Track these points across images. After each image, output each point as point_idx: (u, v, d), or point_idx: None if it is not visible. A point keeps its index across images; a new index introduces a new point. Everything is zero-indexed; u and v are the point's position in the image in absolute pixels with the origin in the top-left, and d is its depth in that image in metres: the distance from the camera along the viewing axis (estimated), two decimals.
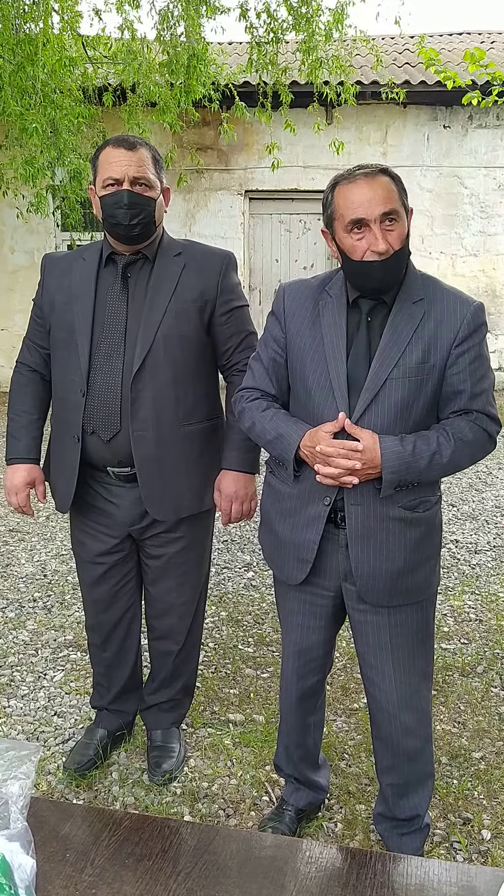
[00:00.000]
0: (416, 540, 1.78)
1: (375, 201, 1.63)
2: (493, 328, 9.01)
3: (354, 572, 1.78)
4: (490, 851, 2.09)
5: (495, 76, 3.67)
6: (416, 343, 1.70)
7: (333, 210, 1.70)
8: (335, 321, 1.77)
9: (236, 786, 2.34)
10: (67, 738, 2.57)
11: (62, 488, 2.19)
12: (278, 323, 1.86)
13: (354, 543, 1.76)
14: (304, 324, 1.81)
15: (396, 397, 1.70)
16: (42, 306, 2.19)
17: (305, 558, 1.83)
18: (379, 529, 1.74)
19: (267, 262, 9.18)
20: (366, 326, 1.75)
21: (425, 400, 1.73)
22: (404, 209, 1.70)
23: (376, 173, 1.67)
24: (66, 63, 6.43)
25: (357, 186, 1.65)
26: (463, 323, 1.71)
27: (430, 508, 1.81)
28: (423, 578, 1.83)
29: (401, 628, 1.83)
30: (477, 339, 1.73)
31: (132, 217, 1.97)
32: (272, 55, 7.06)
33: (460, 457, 1.72)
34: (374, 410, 1.70)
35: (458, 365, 1.71)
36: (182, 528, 2.20)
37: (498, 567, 4.04)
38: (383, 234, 1.64)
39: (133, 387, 2.03)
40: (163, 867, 1.22)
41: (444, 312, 1.72)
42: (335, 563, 1.82)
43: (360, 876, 1.21)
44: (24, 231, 8.79)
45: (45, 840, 1.26)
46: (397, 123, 8.61)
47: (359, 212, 1.64)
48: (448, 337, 1.71)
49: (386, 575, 1.77)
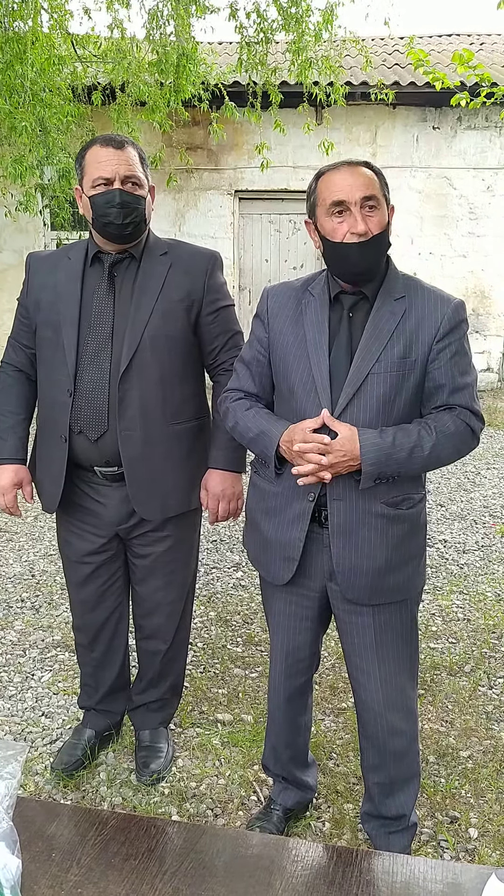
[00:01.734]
0: (399, 538, 1.78)
1: (356, 186, 1.68)
2: (481, 329, 9.04)
3: (336, 568, 1.79)
4: (477, 850, 2.10)
5: (484, 78, 3.68)
6: (397, 338, 1.72)
7: (316, 197, 1.74)
8: (317, 318, 1.78)
9: (224, 785, 2.34)
10: (55, 738, 2.56)
11: (49, 488, 2.18)
12: (262, 324, 1.88)
13: (336, 539, 1.77)
14: (286, 322, 1.83)
15: (378, 392, 1.71)
16: (27, 306, 2.18)
17: (291, 556, 1.83)
18: (361, 525, 1.75)
19: (257, 262, 9.18)
20: (347, 322, 1.77)
21: (407, 395, 1.74)
22: (385, 202, 1.73)
23: (359, 164, 1.73)
24: (55, 61, 6.39)
25: (339, 173, 1.71)
26: (444, 319, 1.73)
27: (413, 506, 1.81)
28: (406, 578, 1.83)
29: (385, 628, 1.84)
30: (458, 335, 1.75)
31: (125, 216, 1.97)
32: (262, 55, 7.05)
33: (442, 450, 1.72)
34: (356, 405, 1.71)
35: (439, 360, 1.73)
36: (169, 528, 2.19)
37: (486, 567, 4.06)
38: (363, 217, 1.68)
39: (120, 386, 2.02)
40: (149, 866, 1.22)
41: (426, 309, 1.74)
42: (320, 562, 1.83)
43: (346, 874, 1.22)
44: (13, 230, 8.75)
45: (30, 840, 1.25)
46: (387, 124, 8.63)
47: (340, 194, 1.68)
48: (429, 332, 1.73)
49: (367, 572, 1.77)
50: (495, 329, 9.13)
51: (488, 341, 9.15)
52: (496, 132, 8.58)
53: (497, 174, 8.70)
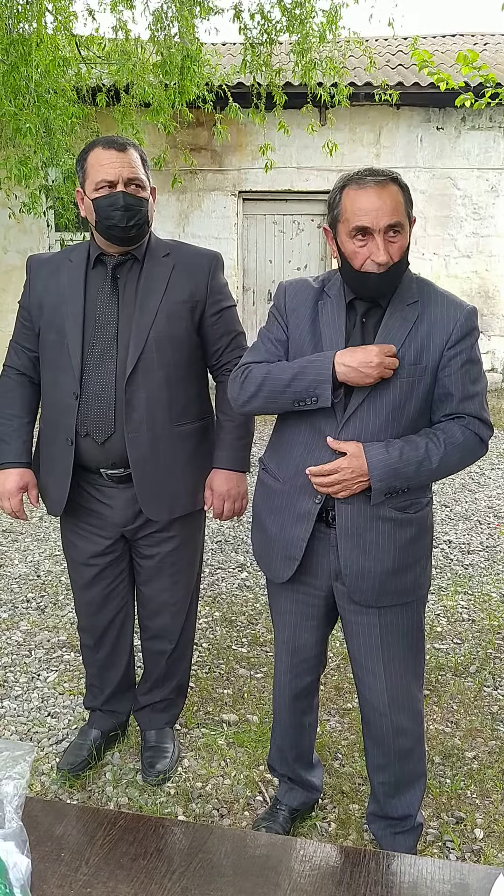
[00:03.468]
0: (406, 541, 1.79)
1: (383, 212, 1.62)
2: (485, 329, 9.03)
3: (343, 571, 1.79)
4: (483, 850, 2.10)
5: (488, 78, 3.68)
6: (409, 344, 1.71)
7: (339, 212, 1.68)
8: (334, 321, 1.78)
9: (230, 786, 2.35)
10: (61, 738, 2.57)
11: (54, 492, 2.18)
12: (279, 318, 1.86)
13: (344, 542, 1.77)
14: (303, 321, 1.82)
15: (389, 397, 1.71)
16: (29, 309, 2.18)
17: (293, 556, 1.84)
18: (369, 529, 1.75)
19: (260, 263, 9.18)
20: (361, 327, 1.76)
21: (417, 401, 1.74)
22: (408, 220, 1.69)
23: (387, 182, 1.65)
24: (59, 63, 6.40)
25: (366, 193, 1.63)
26: (456, 326, 1.72)
27: (421, 509, 1.81)
28: (412, 580, 1.83)
29: (391, 629, 1.84)
30: (469, 342, 1.73)
31: (129, 219, 1.97)
32: (266, 56, 7.06)
33: (450, 461, 1.73)
34: (366, 409, 1.71)
35: (449, 367, 1.72)
36: (174, 528, 2.20)
37: (490, 567, 4.06)
38: (385, 245, 1.64)
39: (127, 388, 2.03)
40: (157, 866, 1.22)
41: (438, 315, 1.73)
42: (326, 562, 1.83)
43: (354, 874, 1.22)
44: (17, 231, 8.77)
45: (39, 840, 1.26)
46: (390, 125, 8.63)
47: (365, 220, 1.63)
48: (441, 339, 1.72)
49: (375, 575, 1.77)
50: (500, 329, 9.13)
51: (493, 342, 9.15)
52: (500, 133, 8.57)
53: (501, 174, 8.70)
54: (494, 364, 9.18)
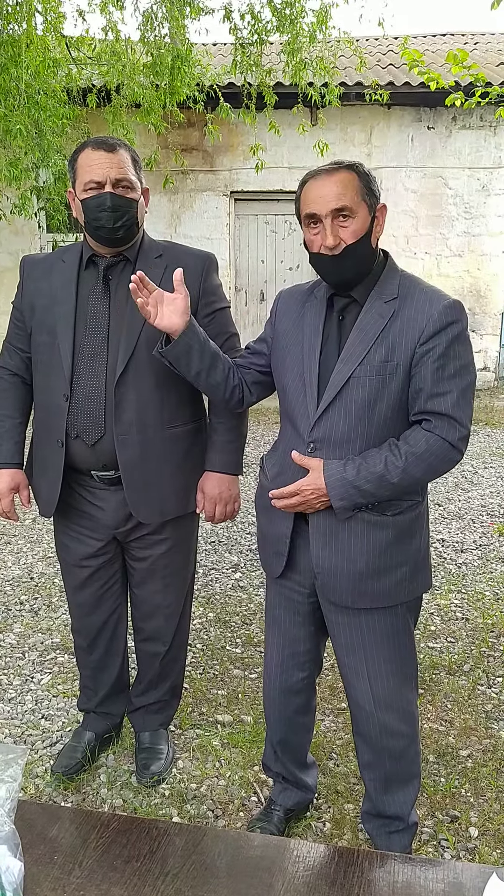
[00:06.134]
0: (383, 543, 1.76)
1: (328, 197, 1.66)
2: (477, 328, 9.05)
3: (315, 569, 1.80)
4: (477, 849, 2.11)
5: (478, 77, 3.68)
6: (381, 341, 1.70)
7: (300, 205, 1.75)
8: (314, 320, 1.81)
9: (225, 787, 2.35)
10: (55, 741, 2.56)
11: (46, 493, 2.18)
12: (268, 323, 1.95)
13: (316, 539, 1.78)
14: (290, 324, 1.87)
15: (359, 395, 1.70)
16: (22, 309, 2.18)
17: (280, 551, 1.88)
18: (342, 528, 1.75)
19: (252, 263, 9.19)
20: (338, 324, 1.78)
21: (389, 401, 1.71)
22: (367, 205, 1.70)
23: (338, 169, 1.68)
24: (49, 64, 6.40)
25: (315, 182, 1.70)
26: (429, 321, 1.67)
27: (400, 513, 1.76)
28: (392, 584, 1.79)
29: (373, 631, 1.83)
30: (444, 337, 1.66)
31: (116, 219, 1.96)
32: (256, 56, 7.06)
33: (415, 472, 1.68)
34: (337, 407, 1.71)
35: (422, 363, 1.68)
36: (167, 530, 2.19)
37: (484, 566, 4.07)
38: (333, 229, 1.67)
39: (117, 390, 2.02)
40: (151, 868, 1.22)
41: (413, 311, 1.69)
42: (306, 559, 1.85)
43: (348, 874, 1.22)
44: (9, 232, 8.76)
45: (32, 843, 1.26)
46: (381, 124, 8.64)
47: (312, 207, 1.69)
48: (413, 335, 1.68)
49: (348, 574, 1.77)
50: (491, 328, 9.15)
51: (484, 340, 9.17)
52: (491, 132, 8.60)
53: (492, 174, 8.73)
54: (486, 363, 9.20)
